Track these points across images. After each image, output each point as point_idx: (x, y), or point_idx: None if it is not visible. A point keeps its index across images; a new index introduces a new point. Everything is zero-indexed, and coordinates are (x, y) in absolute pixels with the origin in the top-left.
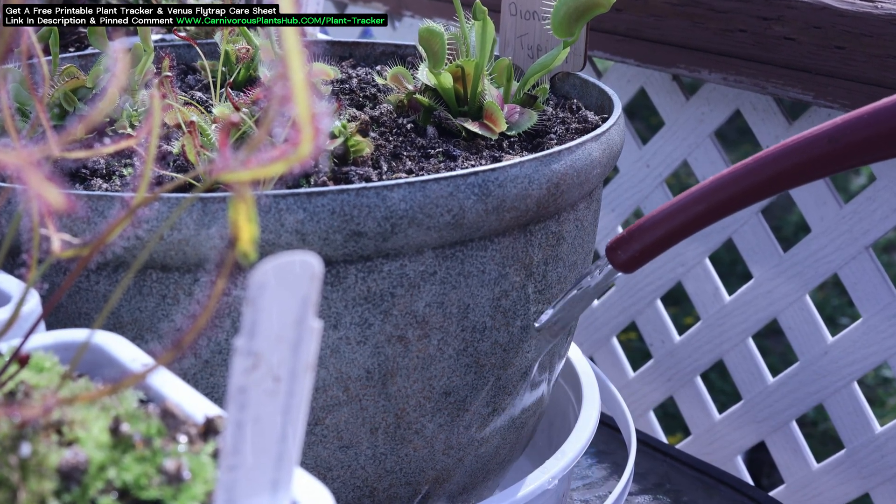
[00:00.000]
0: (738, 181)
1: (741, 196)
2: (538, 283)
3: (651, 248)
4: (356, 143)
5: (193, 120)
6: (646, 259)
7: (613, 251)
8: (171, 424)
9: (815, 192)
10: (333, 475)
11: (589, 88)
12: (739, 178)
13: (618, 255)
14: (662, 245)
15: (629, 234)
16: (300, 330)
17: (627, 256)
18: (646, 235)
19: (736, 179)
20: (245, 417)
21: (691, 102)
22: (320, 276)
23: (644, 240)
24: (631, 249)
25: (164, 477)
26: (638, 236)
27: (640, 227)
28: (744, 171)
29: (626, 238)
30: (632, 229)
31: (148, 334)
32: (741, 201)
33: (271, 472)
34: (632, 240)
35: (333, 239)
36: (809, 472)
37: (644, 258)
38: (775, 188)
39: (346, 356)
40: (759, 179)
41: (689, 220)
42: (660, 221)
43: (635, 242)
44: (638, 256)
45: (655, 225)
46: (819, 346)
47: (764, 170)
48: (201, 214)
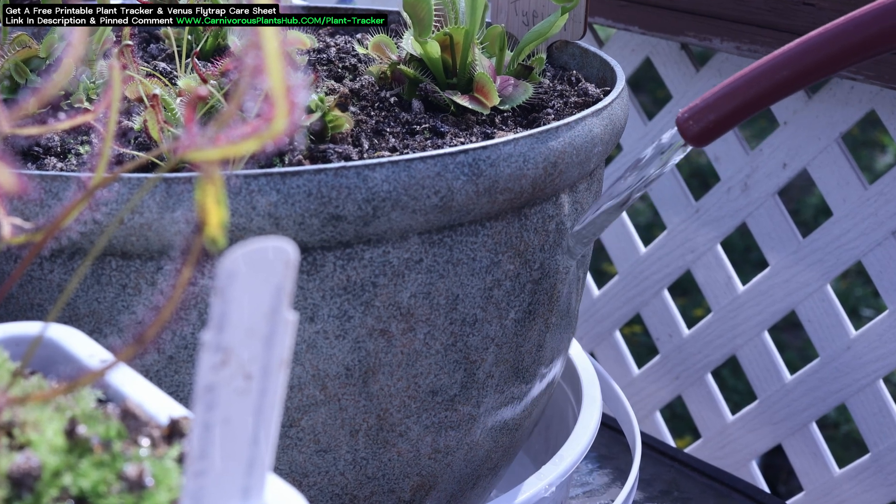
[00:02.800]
0: (831, 42)
1: (834, 59)
2: (534, 271)
3: (727, 119)
4: (335, 119)
5: (157, 93)
6: (720, 131)
7: (686, 122)
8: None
9: (837, 172)
10: (310, 482)
11: (589, 59)
12: (832, 38)
13: (689, 126)
14: (740, 115)
15: (703, 103)
16: (273, 323)
17: (700, 127)
18: (722, 104)
19: (828, 40)
20: (213, 418)
21: (701, 74)
22: (295, 264)
23: (720, 109)
24: (705, 119)
25: (124, 484)
26: (715, 105)
27: (716, 95)
28: (836, 31)
29: (700, 107)
30: (707, 97)
31: (107, 327)
32: (832, 65)
33: (242, 478)
34: (708, 108)
35: (310, 223)
36: (831, 479)
37: (719, 130)
38: (872, 49)
39: (324, 351)
40: (855, 40)
41: (772, 86)
42: (739, 88)
43: (711, 112)
44: (712, 128)
45: (734, 92)
46: (841, 340)
47: (860, 29)
48: (165, 196)
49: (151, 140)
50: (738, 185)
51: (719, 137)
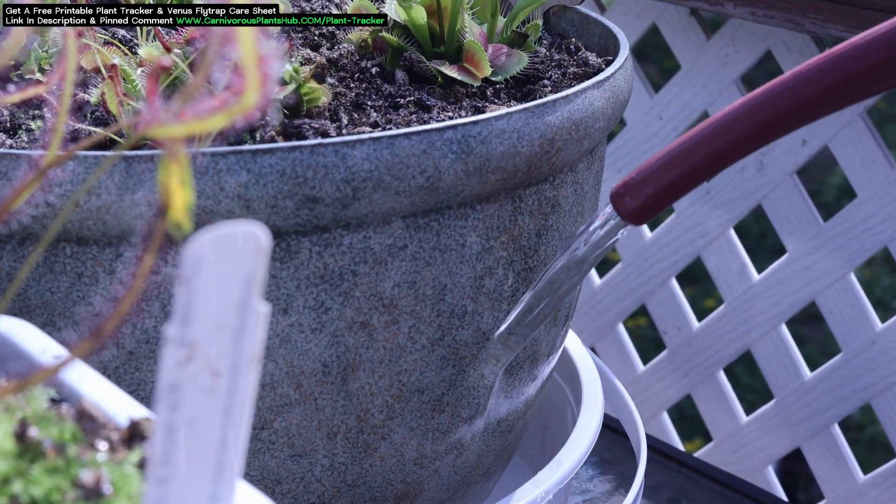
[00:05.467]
0: (778, 100)
1: (783, 119)
2: (529, 258)
3: (669, 192)
4: (311, 91)
5: (115, 63)
6: (662, 205)
7: (620, 197)
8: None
9: (862, 150)
10: (283, 489)
11: (590, 25)
12: (779, 96)
13: (625, 203)
14: (683, 187)
15: (640, 175)
16: (243, 315)
17: (638, 203)
18: (661, 175)
19: (775, 98)
20: (177, 420)
21: (713, 42)
22: (267, 251)
23: (659, 181)
24: (643, 194)
25: (79, 491)
26: (651, 177)
27: (653, 166)
28: (783, 89)
29: (636, 180)
30: (643, 168)
31: (61, 320)
32: (783, 125)
33: (209, 485)
34: (644, 182)
35: (283, 206)
36: (855, 486)
37: (660, 204)
38: (823, 108)
39: (299, 346)
40: (803, 98)
41: (718, 152)
42: (679, 156)
43: (648, 185)
44: (652, 203)
45: (674, 161)
46: (866, 334)
47: (808, 86)
48: (125, 176)
49: (110, 115)
50: (752, 164)
51: (662, 211)
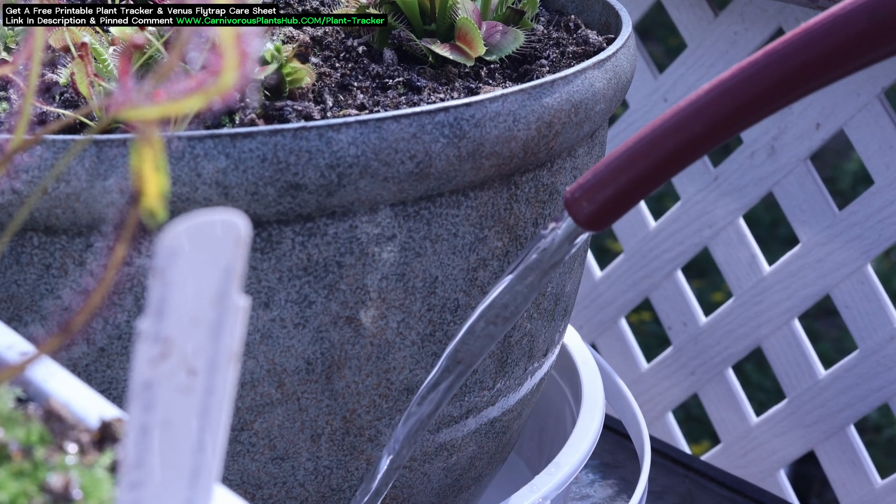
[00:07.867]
0: (748, 83)
1: (755, 102)
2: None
3: (631, 192)
4: (293, 71)
5: (86, 41)
6: (624, 208)
7: (576, 202)
8: (58, 430)
9: (879, 133)
10: (264, 494)
11: (590, 1)
12: (749, 78)
13: (582, 207)
14: (648, 185)
15: (597, 176)
16: (222, 309)
17: (596, 207)
18: (622, 174)
19: (744, 81)
20: (151, 421)
21: (721, 19)
22: (247, 241)
23: (619, 180)
24: (601, 196)
25: (48, 496)
26: (611, 177)
27: (612, 164)
28: (754, 69)
29: (592, 181)
30: (600, 168)
31: (28, 314)
32: (755, 110)
33: (184, 489)
34: (602, 183)
35: (264, 193)
36: (871, 490)
37: (621, 207)
38: (797, 89)
39: (281, 343)
40: (776, 78)
41: (686, 142)
42: (643, 150)
43: (607, 185)
44: (612, 207)
45: (637, 156)
46: (884, 329)
47: (781, 64)
48: (96, 162)
49: (80, 96)
50: (763, 149)
51: (621, 217)
